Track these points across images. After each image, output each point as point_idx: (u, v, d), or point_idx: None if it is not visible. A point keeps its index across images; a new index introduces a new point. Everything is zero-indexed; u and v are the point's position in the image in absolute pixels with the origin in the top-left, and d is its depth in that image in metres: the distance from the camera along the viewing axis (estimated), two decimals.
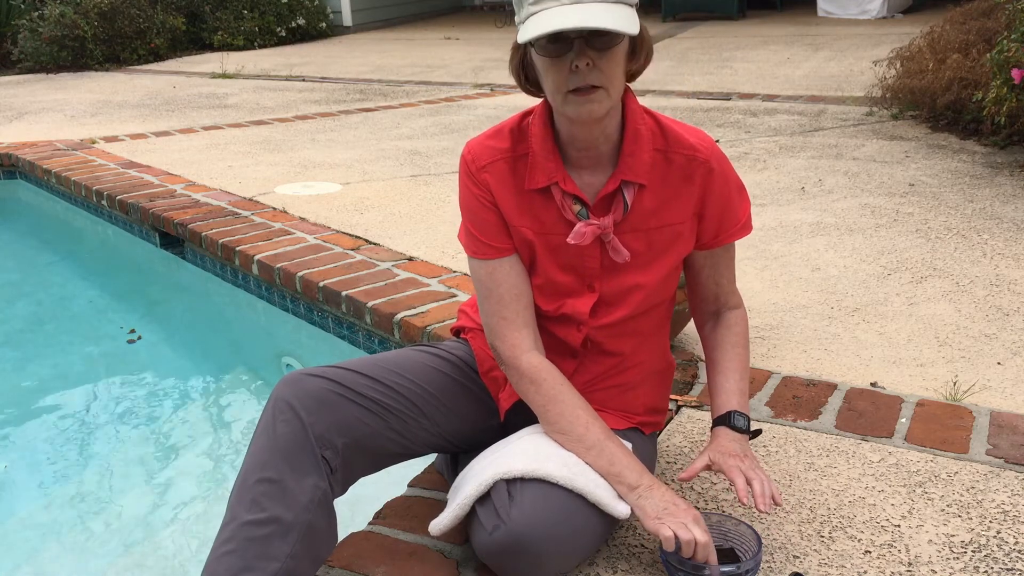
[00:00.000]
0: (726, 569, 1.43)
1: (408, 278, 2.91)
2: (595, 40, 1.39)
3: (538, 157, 1.55)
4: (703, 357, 2.29)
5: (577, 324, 1.63)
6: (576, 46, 1.40)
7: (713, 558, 1.43)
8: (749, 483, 1.52)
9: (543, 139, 1.55)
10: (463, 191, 1.61)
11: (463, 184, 1.61)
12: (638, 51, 1.49)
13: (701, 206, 1.59)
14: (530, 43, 1.46)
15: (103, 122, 6.05)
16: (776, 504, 1.53)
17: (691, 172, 1.57)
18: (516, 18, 1.47)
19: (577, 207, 1.55)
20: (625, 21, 1.38)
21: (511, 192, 1.58)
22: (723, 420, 1.63)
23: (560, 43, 1.41)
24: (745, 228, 1.65)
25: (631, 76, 1.52)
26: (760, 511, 1.50)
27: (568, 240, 1.54)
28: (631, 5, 1.43)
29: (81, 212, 4.58)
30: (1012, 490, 1.72)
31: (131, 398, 2.92)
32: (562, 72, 1.42)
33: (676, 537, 1.42)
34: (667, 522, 1.44)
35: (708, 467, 1.58)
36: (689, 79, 6.61)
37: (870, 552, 1.57)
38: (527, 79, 1.55)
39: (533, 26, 1.38)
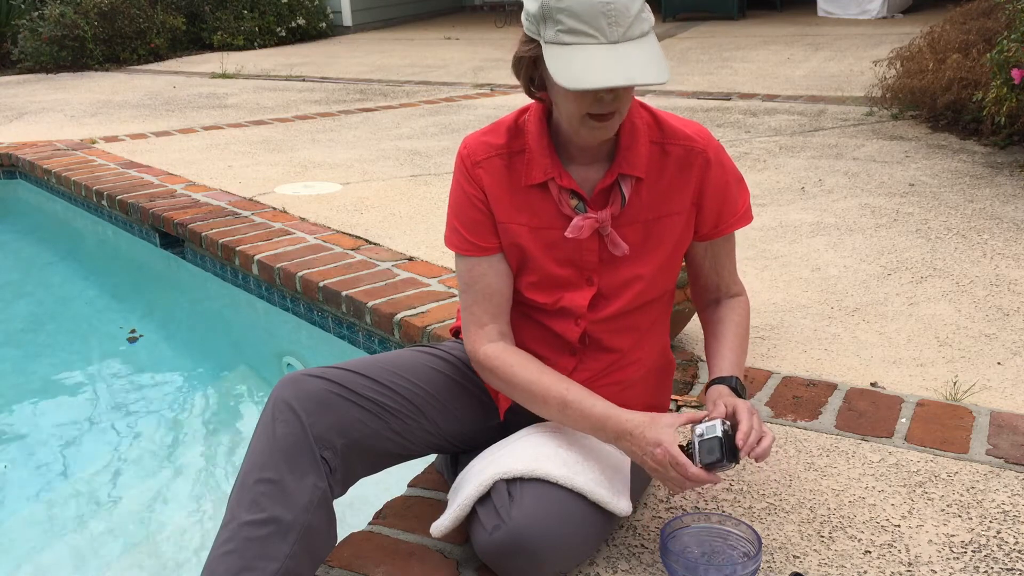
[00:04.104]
0: (725, 571, 1.43)
1: (408, 278, 2.91)
2: None
3: (534, 153, 1.56)
4: (703, 357, 2.29)
5: (575, 318, 1.63)
6: None
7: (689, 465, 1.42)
8: (761, 438, 1.46)
9: (539, 135, 1.56)
10: (455, 187, 1.62)
11: (457, 180, 1.62)
12: None
13: (699, 196, 1.60)
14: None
15: (103, 122, 6.05)
16: (757, 460, 1.47)
17: (688, 163, 1.57)
18: (537, 27, 1.41)
19: (574, 201, 1.56)
20: (661, 60, 1.37)
21: (505, 189, 1.58)
22: (726, 381, 1.59)
23: None
24: (744, 218, 1.66)
25: None
26: (746, 456, 1.46)
27: (566, 234, 1.55)
28: (653, 28, 1.41)
29: (81, 212, 4.58)
30: (1012, 490, 1.72)
31: (131, 398, 2.92)
32: (587, 100, 1.41)
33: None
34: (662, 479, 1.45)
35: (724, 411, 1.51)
36: (689, 79, 6.61)
37: (870, 552, 1.57)
38: (533, 84, 1.53)
39: (573, 69, 1.34)
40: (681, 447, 1.44)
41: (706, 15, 10.47)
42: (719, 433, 1.41)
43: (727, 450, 1.41)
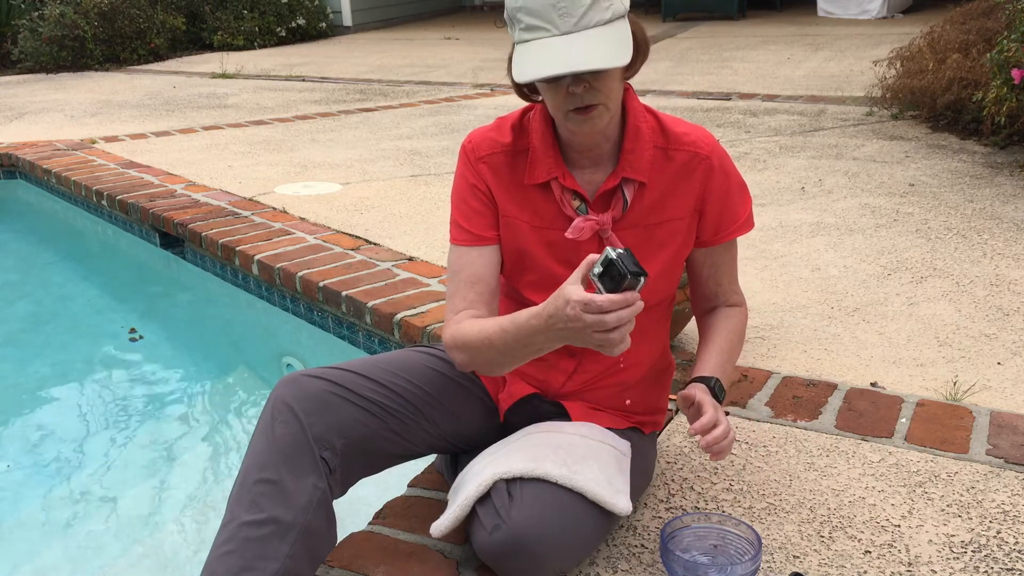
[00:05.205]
0: (725, 571, 1.43)
1: (408, 278, 2.91)
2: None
3: (538, 153, 1.56)
4: None
5: None
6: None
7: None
8: (716, 426, 1.48)
9: (543, 135, 1.56)
10: (458, 178, 1.62)
11: (459, 171, 1.62)
12: (635, 53, 1.49)
13: (701, 202, 1.60)
14: None
15: (103, 122, 6.05)
16: (712, 456, 1.49)
17: (692, 169, 1.57)
18: (510, 30, 1.47)
19: (577, 203, 1.56)
20: (617, 47, 1.38)
21: (507, 186, 1.59)
22: (704, 381, 1.58)
23: None
24: (745, 226, 1.65)
25: (629, 75, 1.52)
26: (701, 445, 1.47)
27: (566, 235, 1.55)
28: (622, 16, 1.42)
29: (81, 212, 4.58)
30: (1012, 490, 1.72)
31: (131, 398, 2.92)
32: (560, 94, 1.43)
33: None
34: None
35: (690, 397, 1.53)
36: (689, 79, 6.61)
37: (870, 552, 1.57)
38: (526, 87, 1.55)
39: (526, 62, 1.39)
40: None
41: (706, 15, 10.47)
42: (614, 256, 1.32)
43: (625, 267, 1.30)
